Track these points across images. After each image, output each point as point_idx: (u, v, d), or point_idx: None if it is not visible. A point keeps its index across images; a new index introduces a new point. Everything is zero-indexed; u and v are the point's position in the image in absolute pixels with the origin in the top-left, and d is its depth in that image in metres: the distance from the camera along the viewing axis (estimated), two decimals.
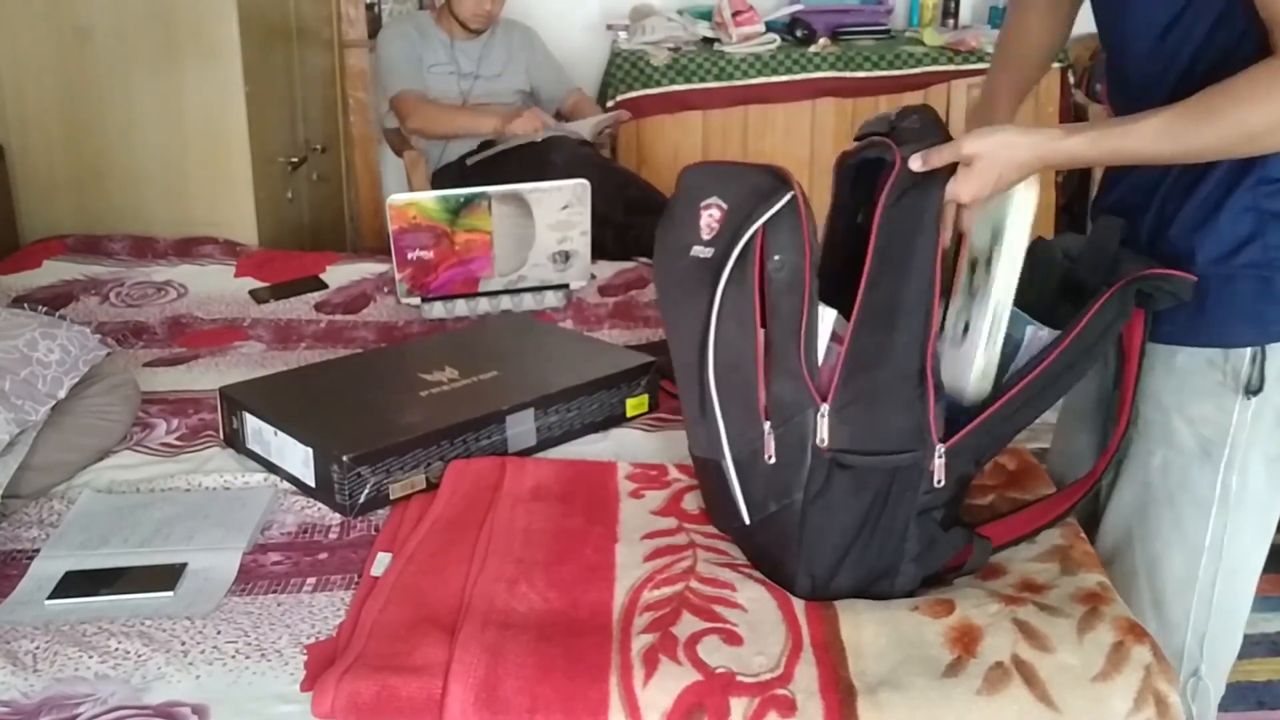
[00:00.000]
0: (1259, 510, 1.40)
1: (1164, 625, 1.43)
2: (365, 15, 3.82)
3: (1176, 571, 1.42)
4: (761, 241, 1.28)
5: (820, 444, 1.29)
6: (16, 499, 1.58)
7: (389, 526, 1.52)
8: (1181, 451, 1.39)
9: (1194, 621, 1.42)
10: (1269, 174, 1.29)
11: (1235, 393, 1.34)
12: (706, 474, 1.45)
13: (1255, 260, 1.31)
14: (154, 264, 2.58)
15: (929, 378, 1.28)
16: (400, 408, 1.67)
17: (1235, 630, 1.47)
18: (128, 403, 1.79)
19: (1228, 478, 1.37)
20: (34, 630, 1.32)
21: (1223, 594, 1.42)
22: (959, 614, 1.27)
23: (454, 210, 2.26)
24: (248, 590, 1.41)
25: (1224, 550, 1.40)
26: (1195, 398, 1.37)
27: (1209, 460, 1.37)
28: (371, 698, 1.17)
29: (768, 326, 1.30)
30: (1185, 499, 1.40)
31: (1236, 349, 1.34)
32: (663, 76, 3.64)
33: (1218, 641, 1.45)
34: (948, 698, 1.16)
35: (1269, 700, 2.20)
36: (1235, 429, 1.35)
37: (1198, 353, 1.36)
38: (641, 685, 1.18)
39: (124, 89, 2.74)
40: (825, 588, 1.33)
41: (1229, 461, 1.37)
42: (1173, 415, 1.39)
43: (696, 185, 1.38)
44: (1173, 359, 1.38)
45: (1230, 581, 1.42)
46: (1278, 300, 1.31)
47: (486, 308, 2.32)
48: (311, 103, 3.42)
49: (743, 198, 1.31)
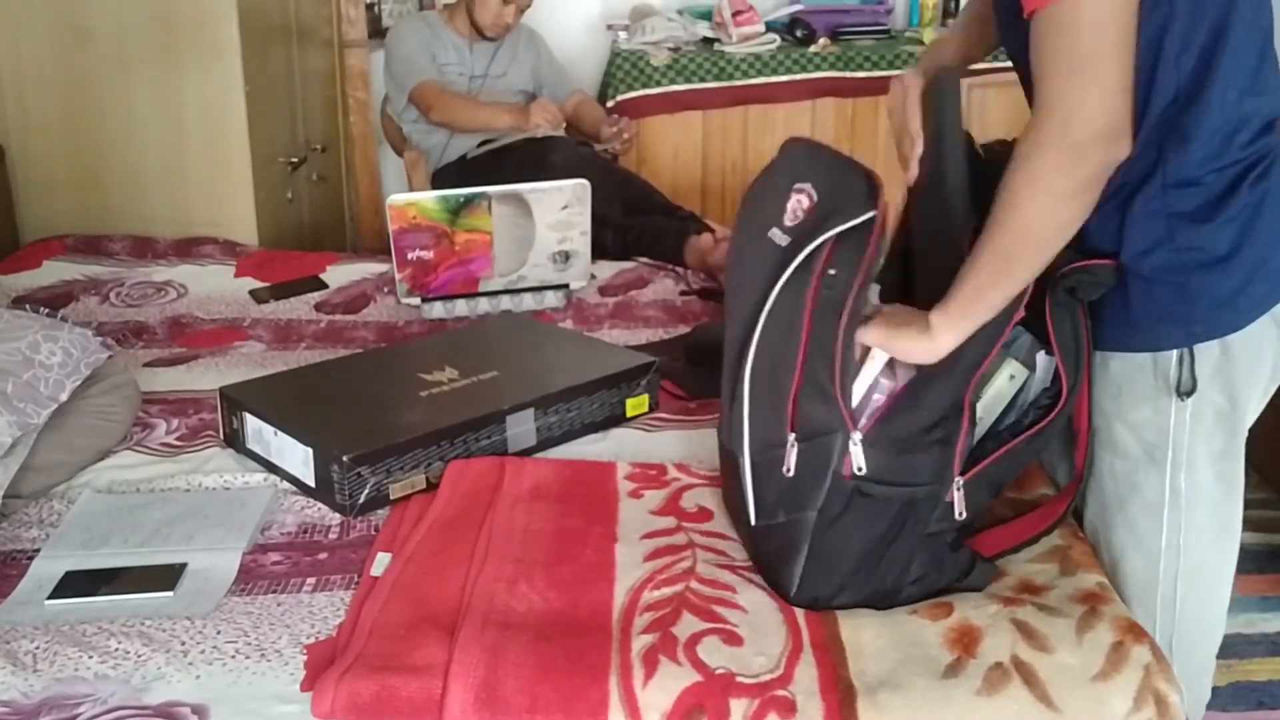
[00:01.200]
0: (1213, 508, 1.38)
1: None
2: (365, 15, 3.81)
3: (1136, 575, 1.41)
4: (830, 251, 1.27)
5: (856, 470, 1.27)
6: (17, 499, 1.58)
7: (389, 526, 1.53)
8: (1127, 457, 1.38)
9: (1160, 624, 1.41)
10: (1175, 176, 1.27)
11: (1169, 395, 1.33)
12: (725, 465, 1.45)
13: (1169, 263, 1.29)
14: (154, 264, 2.58)
15: (966, 412, 1.27)
16: (400, 408, 1.67)
17: (1209, 631, 1.46)
18: (128, 403, 1.79)
19: (1175, 479, 1.36)
20: (34, 630, 1.32)
21: (1186, 595, 1.41)
22: (958, 615, 1.27)
23: (454, 210, 2.26)
24: (248, 590, 1.41)
25: (1182, 552, 1.38)
26: (1133, 403, 1.36)
27: (1154, 464, 1.37)
28: (371, 698, 1.17)
29: (808, 339, 1.28)
30: (1136, 503, 1.39)
31: (1164, 352, 1.33)
32: (663, 76, 3.64)
33: (1188, 643, 1.43)
34: (948, 698, 1.16)
35: (1269, 700, 2.20)
36: (1175, 430, 1.34)
37: (1130, 358, 1.36)
38: (641, 686, 1.18)
39: (124, 89, 2.74)
40: (826, 603, 1.32)
41: (1174, 463, 1.36)
42: (1114, 421, 1.38)
43: (797, 162, 1.36)
44: (1107, 365, 1.38)
45: (1193, 582, 1.41)
46: (1196, 301, 1.30)
47: (486, 308, 2.32)
48: (311, 103, 3.42)
49: (834, 197, 1.30)
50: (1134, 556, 1.41)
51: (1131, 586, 1.41)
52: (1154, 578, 1.40)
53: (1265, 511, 2.66)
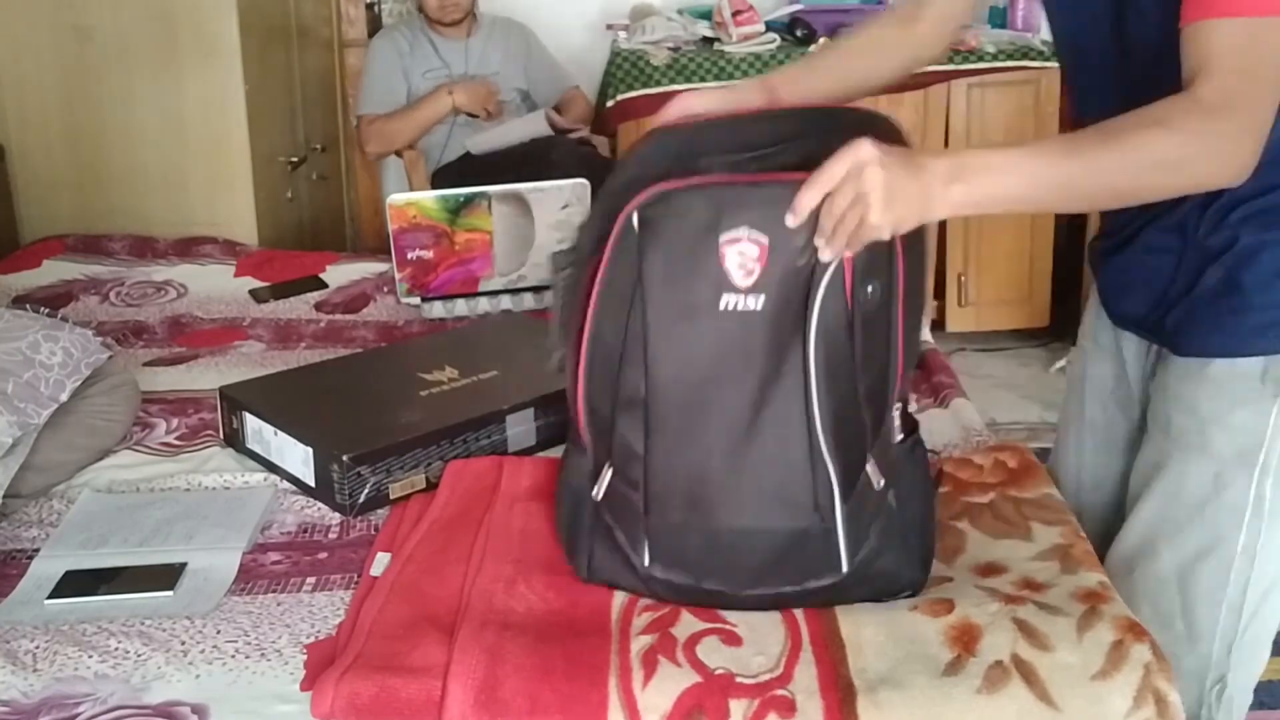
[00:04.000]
0: None
1: (1192, 632, 1.41)
2: (365, 15, 3.81)
3: (1208, 579, 1.39)
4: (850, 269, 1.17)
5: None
6: (17, 499, 1.58)
7: (388, 526, 1.52)
8: (1217, 459, 1.36)
9: (1223, 629, 1.40)
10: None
11: (1274, 399, 1.32)
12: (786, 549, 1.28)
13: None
14: (154, 264, 2.58)
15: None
16: (400, 407, 1.67)
17: (1265, 640, 1.44)
18: (128, 402, 1.79)
19: (1262, 484, 1.35)
20: (34, 630, 1.32)
21: (1253, 602, 1.39)
22: (958, 613, 1.27)
23: (454, 210, 2.26)
24: (247, 590, 1.41)
25: (1257, 558, 1.37)
26: (1234, 406, 1.34)
27: (1244, 467, 1.35)
28: (371, 698, 1.17)
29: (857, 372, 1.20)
30: (1219, 506, 1.37)
31: (1276, 355, 1.32)
32: (663, 76, 3.64)
33: (1246, 651, 1.42)
34: (948, 696, 1.16)
35: (1269, 700, 2.19)
36: (1271, 434, 1.33)
37: (1237, 361, 1.34)
38: (641, 687, 1.18)
39: (124, 89, 2.75)
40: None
41: (1264, 467, 1.35)
42: (1210, 424, 1.36)
43: (694, 204, 1.17)
44: (1207, 367, 1.36)
45: (1261, 589, 1.39)
46: None
47: (486, 308, 2.32)
48: (311, 102, 3.42)
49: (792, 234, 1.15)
50: (1209, 560, 1.39)
51: (1201, 591, 1.40)
52: (1224, 582, 1.39)
53: None
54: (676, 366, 1.21)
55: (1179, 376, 1.39)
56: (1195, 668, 1.41)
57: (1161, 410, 1.42)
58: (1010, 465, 1.59)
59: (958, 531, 1.45)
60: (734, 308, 1.17)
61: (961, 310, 3.75)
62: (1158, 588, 1.43)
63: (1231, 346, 1.34)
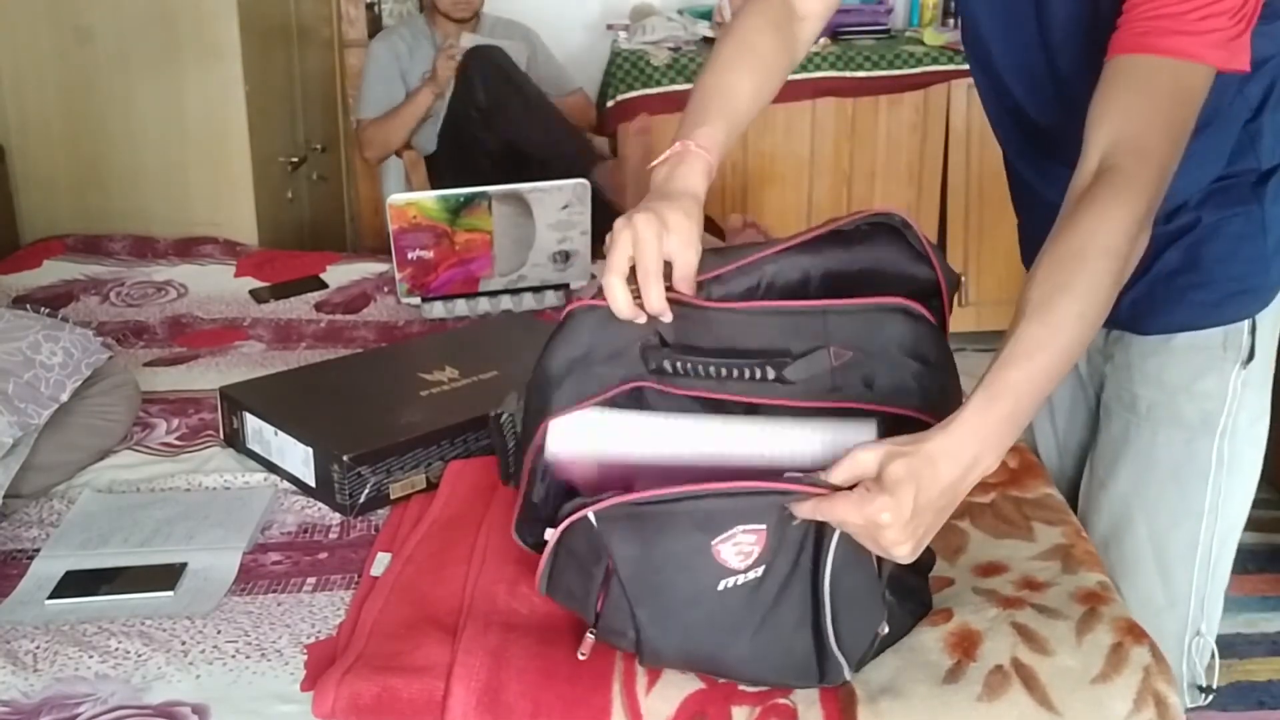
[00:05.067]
0: (1250, 469, 1.46)
1: (1171, 595, 1.48)
2: (365, 15, 3.81)
3: (1182, 543, 1.47)
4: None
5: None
6: (17, 499, 1.58)
7: (389, 526, 1.52)
8: (1186, 426, 1.43)
9: (1196, 585, 1.48)
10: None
11: (1235, 363, 1.39)
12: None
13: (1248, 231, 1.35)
14: (154, 264, 2.58)
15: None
16: (400, 408, 1.67)
17: (1224, 577, 1.53)
18: (128, 403, 1.79)
19: (1222, 445, 1.43)
20: (34, 630, 1.32)
21: (1218, 555, 1.48)
22: (957, 619, 1.27)
23: (454, 210, 2.26)
24: (248, 590, 1.41)
25: (1220, 513, 1.45)
26: (1199, 374, 1.41)
27: (1208, 431, 1.42)
28: (372, 699, 1.17)
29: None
30: (1189, 470, 1.44)
31: (1235, 324, 1.39)
32: (663, 76, 3.64)
33: (1213, 601, 1.51)
34: (948, 704, 1.16)
35: (1269, 700, 2.20)
36: (1230, 398, 1.41)
37: (1199, 333, 1.40)
38: (644, 693, 1.18)
39: (124, 89, 2.74)
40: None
41: (1223, 429, 1.42)
42: (1178, 394, 1.43)
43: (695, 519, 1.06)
44: (1170, 341, 1.42)
45: (1225, 542, 1.48)
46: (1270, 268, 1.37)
47: (486, 308, 2.32)
48: (311, 103, 3.42)
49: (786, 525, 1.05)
50: (1182, 523, 1.46)
51: (1177, 553, 1.47)
52: (1195, 541, 1.46)
53: (1265, 511, 2.66)
54: (674, 637, 1.14)
55: (1142, 354, 1.44)
56: (1176, 629, 1.49)
57: (1126, 389, 1.47)
58: (1011, 465, 1.60)
59: (959, 531, 1.45)
60: (735, 585, 1.09)
61: (961, 310, 3.76)
62: (1135, 558, 1.49)
63: (1194, 320, 1.40)
